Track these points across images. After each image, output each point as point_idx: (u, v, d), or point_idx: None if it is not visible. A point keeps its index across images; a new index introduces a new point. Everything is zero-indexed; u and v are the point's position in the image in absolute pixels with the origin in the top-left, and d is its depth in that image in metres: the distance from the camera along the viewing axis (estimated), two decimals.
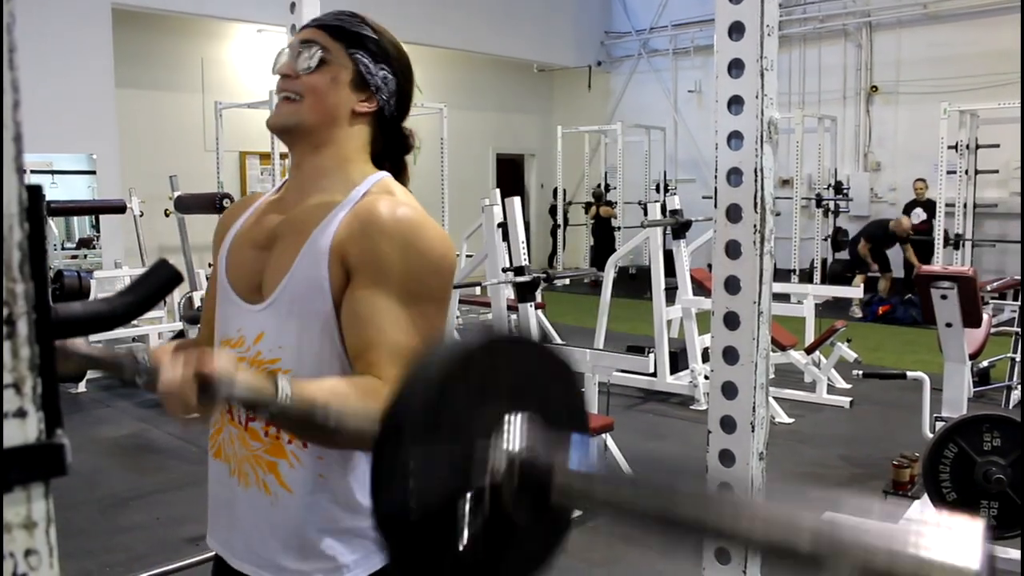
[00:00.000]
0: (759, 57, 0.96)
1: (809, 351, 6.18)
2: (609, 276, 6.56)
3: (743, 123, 0.98)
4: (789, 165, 11.06)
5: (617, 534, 3.86)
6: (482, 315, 8.89)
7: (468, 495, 0.72)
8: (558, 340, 7.40)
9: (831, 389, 6.20)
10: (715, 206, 1.01)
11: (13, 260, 0.44)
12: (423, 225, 1.28)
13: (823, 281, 10.40)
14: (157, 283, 0.55)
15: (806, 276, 10.74)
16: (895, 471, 3.94)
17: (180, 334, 6.25)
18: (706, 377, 5.74)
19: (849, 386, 6.31)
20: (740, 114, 0.99)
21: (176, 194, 6.38)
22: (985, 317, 4.90)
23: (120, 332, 7.19)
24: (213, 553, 1.44)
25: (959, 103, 9.24)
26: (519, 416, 0.76)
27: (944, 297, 3.84)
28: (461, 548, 0.72)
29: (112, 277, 7.74)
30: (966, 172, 9.58)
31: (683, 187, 12.95)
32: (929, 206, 10.35)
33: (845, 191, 11.37)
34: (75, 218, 9.12)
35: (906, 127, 11.86)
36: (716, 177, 1.01)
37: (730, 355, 1.02)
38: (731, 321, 1.02)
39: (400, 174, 1.48)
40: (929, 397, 4.09)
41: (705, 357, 5.90)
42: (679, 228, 6.44)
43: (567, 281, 11.42)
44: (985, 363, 6.34)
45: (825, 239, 11.17)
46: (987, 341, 5.32)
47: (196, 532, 1.32)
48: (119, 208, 6.76)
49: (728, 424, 1.03)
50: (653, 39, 14.54)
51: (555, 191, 13.77)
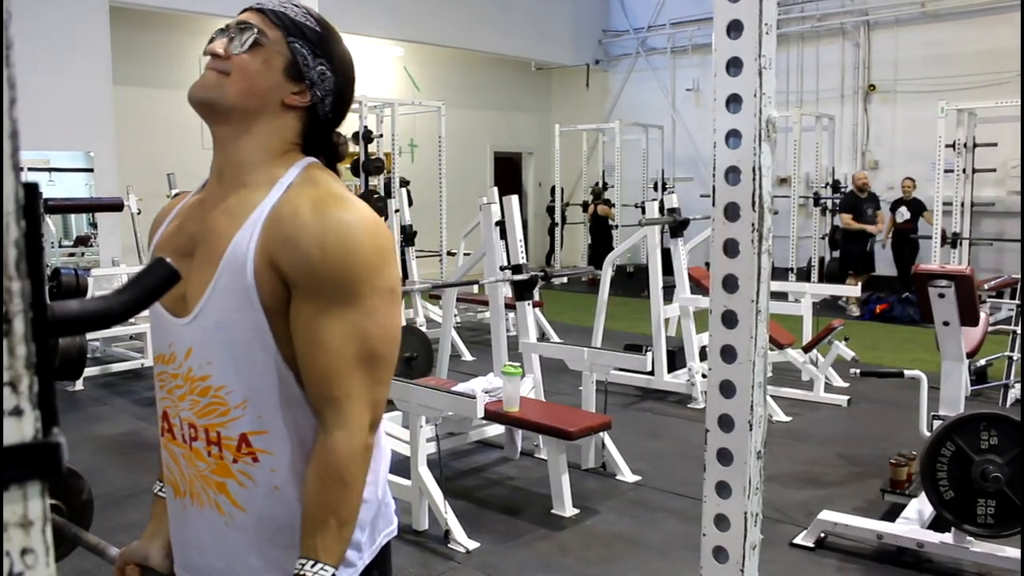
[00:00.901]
0: (757, 56, 0.96)
1: (807, 349, 6.19)
2: (607, 274, 6.56)
3: (741, 122, 0.98)
4: (787, 164, 11.07)
5: (615, 532, 3.87)
6: (480, 313, 8.90)
7: None
8: (555, 338, 7.40)
9: (829, 388, 6.21)
10: (713, 204, 1.01)
11: (9, 258, 0.43)
12: (351, 220, 1.19)
13: (820, 280, 10.41)
14: (154, 281, 0.55)
15: (804, 274, 10.76)
16: (893, 469, 3.94)
17: None
18: (704, 375, 5.74)
19: (847, 385, 6.32)
20: (738, 113, 0.99)
21: (174, 192, 6.37)
22: (982, 316, 4.90)
23: (117, 330, 7.19)
24: None
25: (956, 102, 9.25)
26: None
27: (942, 296, 3.85)
28: None
29: (110, 275, 7.73)
30: (963, 171, 9.59)
31: (681, 185, 12.97)
32: (914, 204, 10.40)
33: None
34: (73, 216, 9.12)
35: (904, 126, 11.87)
36: (714, 176, 1.01)
37: (728, 354, 1.02)
38: (729, 320, 1.02)
39: (332, 161, 1.37)
40: (927, 395, 4.09)
41: (703, 355, 5.90)
42: (677, 226, 6.44)
43: (565, 279, 11.46)
44: (982, 362, 6.35)
45: (823, 237, 11.18)
46: (984, 340, 5.33)
47: None
48: (117, 206, 6.76)
49: (726, 423, 1.03)
50: (651, 38, 14.54)
51: (552, 189, 13.77)
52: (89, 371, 6.73)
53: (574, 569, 3.54)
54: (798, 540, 3.70)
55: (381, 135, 9.30)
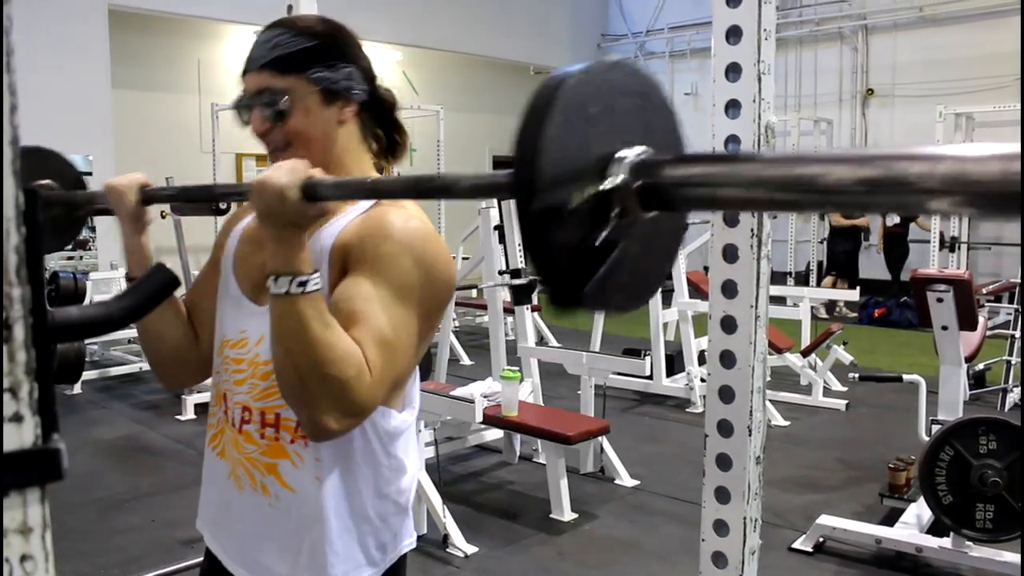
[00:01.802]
0: (756, 61, 0.96)
1: (805, 354, 6.19)
2: None
3: (740, 127, 0.99)
4: None
5: (614, 536, 3.86)
6: (478, 318, 8.89)
7: (594, 189, 0.73)
8: (554, 343, 7.40)
9: (827, 392, 6.21)
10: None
11: (10, 264, 0.43)
12: (431, 239, 1.25)
13: (819, 284, 10.43)
14: (154, 287, 0.55)
15: (802, 279, 10.77)
16: (891, 474, 3.94)
17: None
18: (702, 380, 5.74)
19: (845, 389, 6.32)
20: (737, 118, 0.99)
21: None
22: (981, 320, 4.91)
23: (116, 334, 7.18)
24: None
25: (955, 106, 9.27)
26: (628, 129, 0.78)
27: (940, 300, 3.85)
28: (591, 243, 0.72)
29: (108, 279, 7.73)
30: None
31: None
32: None
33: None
34: None
35: (902, 130, 11.88)
36: None
37: (727, 359, 1.02)
38: (728, 325, 1.02)
39: (395, 147, 1.41)
40: (925, 400, 4.09)
41: (701, 360, 5.90)
42: None
43: None
44: (981, 366, 6.35)
45: (821, 242, 11.20)
46: (983, 344, 5.33)
47: (192, 534, 1.33)
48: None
49: (725, 428, 1.03)
50: (649, 42, 14.56)
51: None
52: (87, 375, 6.73)
53: (572, 573, 3.53)
54: (796, 545, 3.69)
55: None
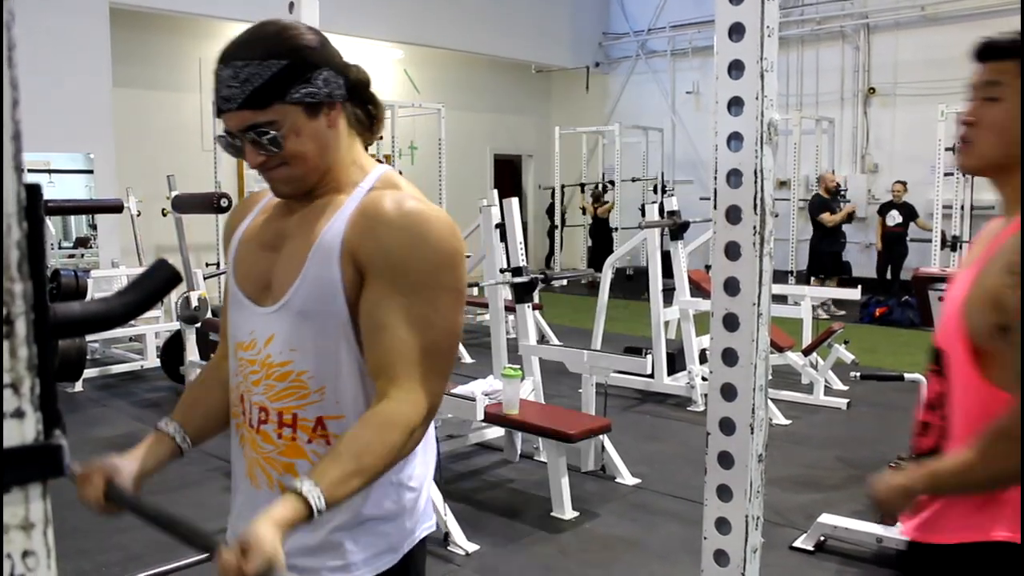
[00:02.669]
0: (759, 58, 0.96)
1: (807, 352, 6.18)
2: (607, 277, 6.56)
3: (743, 124, 0.98)
4: (787, 167, 11.07)
5: (615, 535, 3.86)
6: (479, 316, 8.89)
7: None
8: (555, 341, 7.40)
9: (828, 391, 6.21)
10: (714, 207, 1.01)
11: (11, 259, 0.43)
12: (430, 217, 1.26)
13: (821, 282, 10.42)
14: (156, 283, 0.55)
15: (803, 278, 10.77)
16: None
17: (177, 334, 6.24)
18: (704, 378, 5.74)
19: (846, 388, 6.31)
20: (740, 115, 0.98)
21: (173, 193, 6.37)
22: None
23: (118, 332, 7.18)
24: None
25: (956, 105, 9.22)
26: None
27: (942, 299, 3.84)
28: None
29: (109, 276, 7.73)
30: (963, 174, 9.60)
31: (680, 188, 12.96)
32: (906, 209, 10.45)
33: (843, 193, 11.38)
34: (72, 217, 9.12)
35: (903, 129, 11.87)
36: (716, 178, 1.01)
37: (729, 357, 1.02)
38: (730, 323, 1.02)
39: (373, 122, 1.42)
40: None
41: (702, 358, 5.90)
42: (677, 229, 6.44)
43: (564, 282, 11.44)
44: None
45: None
46: None
47: None
48: (116, 207, 6.75)
49: (727, 426, 1.03)
50: (651, 40, 14.55)
51: (552, 191, 13.78)
52: (88, 372, 6.73)
53: (574, 572, 3.53)
54: (798, 543, 3.69)
55: (381, 137, 9.28)
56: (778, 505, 4.10)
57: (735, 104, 0.98)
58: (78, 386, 6.45)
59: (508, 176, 15.01)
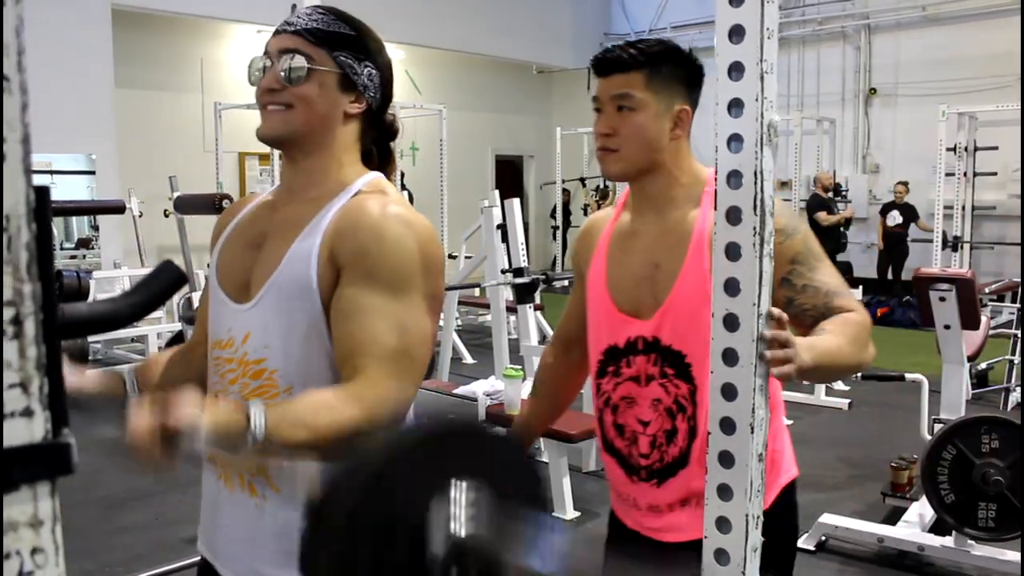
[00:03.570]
0: (759, 60, 0.97)
1: None
2: None
3: (743, 126, 0.99)
4: (788, 167, 11.06)
5: None
6: (480, 316, 8.90)
7: None
8: None
9: (829, 391, 6.21)
10: (715, 208, 1.02)
11: (21, 260, 0.44)
12: (411, 222, 1.27)
13: None
14: (162, 284, 0.56)
15: None
16: (893, 473, 3.94)
17: (179, 335, 6.24)
18: None
19: (847, 388, 6.31)
20: (740, 117, 0.99)
21: (175, 194, 6.37)
22: (983, 319, 4.91)
23: (120, 332, 7.19)
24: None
25: (957, 105, 9.25)
26: (467, 501, 0.71)
27: (943, 299, 3.85)
28: None
29: (111, 277, 7.74)
30: (964, 174, 9.60)
31: None
32: (907, 209, 10.45)
33: (844, 193, 11.39)
34: (74, 218, 9.12)
35: (905, 129, 11.87)
36: (716, 180, 1.02)
37: (730, 357, 1.03)
38: (731, 323, 1.02)
39: (386, 162, 1.46)
40: (927, 399, 4.09)
41: None
42: None
43: (566, 282, 11.44)
44: (983, 365, 6.35)
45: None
46: (985, 343, 5.33)
47: (195, 532, 1.33)
48: (118, 208, 6.73)
49: (728, 425, 1.04)
50: None
51: (555, 192, 13.78)
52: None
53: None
54: (799, 543, 3.69)
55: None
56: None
57: (735, 105, 0.99)
58: None
59: (509, 177, 15.01)
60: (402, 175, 9.55)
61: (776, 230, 1.38)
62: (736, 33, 0.98)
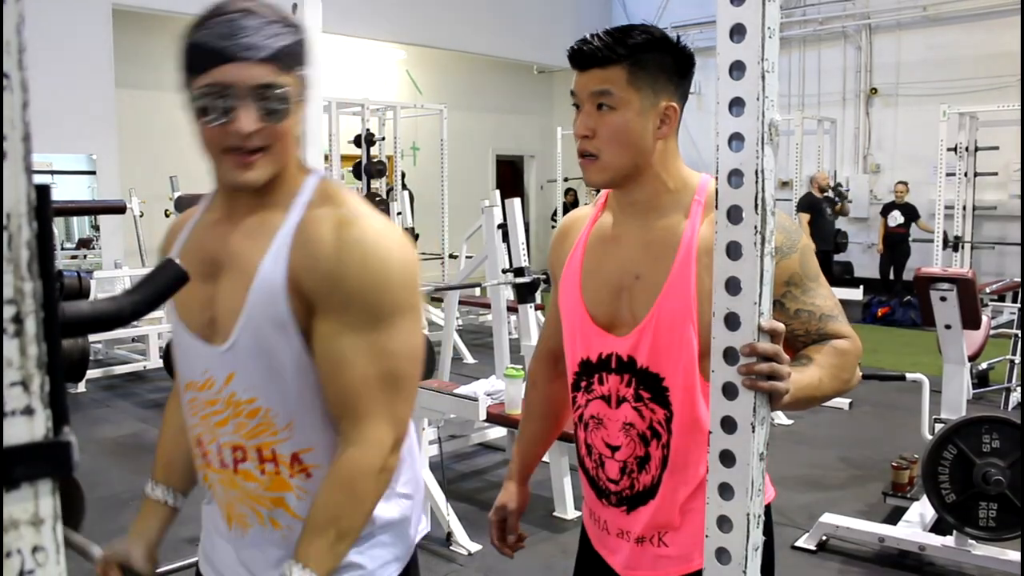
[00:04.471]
0: (760, 59, 0.97)
1: None
2: None
3: (744, 125, 0.99)
4: (789, 167, 11.07)
5: None
6: (481, 316, 8.90)
7: None
8: None
9: None
10: (716, 207, 1.02)
11: (22, 259, 0.44)
12: (373, 238, 1.18)
13: None
14: (164, 282, 0.56)
15: None
16: (894, 473, 3.94)
17: None
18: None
19: None
20: (741, 116, 0.99)
21: (176, 194, 6.38)
22: (984, 319, 4.90)
23: (120, 332, 7.20)
24: None
25: (958, 105, 9.25)
26: None
27: (943, 299, 3.85)
28: None
29: (112, 277, 7.75)
30: (965, 174, 9.60)
31: None
32: (907, 209, 10.44)
33: (844, 193, 11.39)
34: (75, 218, 9.13)
35: (905, 129, 11.87)
36: (717, 179, 1.02)
37: (731, 356, 1.03)
38: (732, 322, 1.02)
39: None
40: (928, 399, 4.09)
41: None
42: None
43: None
44: (984, 365, 6.34)
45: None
46: (986, 343, 5.33)
47: (196, 532, 1.33)
48: (119, 208, 6.73)
49: (729, 424, 1.04)
50: None
51: (555, 191, 13.78)
52: (91, 373, 6.74)
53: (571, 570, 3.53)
54: (800, 543, 3.69)
55: (383, 138, 9.31)
56: (780, 505, 4.10)
57: (736, 104, 0.99)
58: (81, 387, 6.46)
59: (510, 176, 15.01)
60: (403, 175, 9.55)
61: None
62: (737, 32, 0.98)
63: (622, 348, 1.43)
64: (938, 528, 3.56)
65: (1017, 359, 6.01)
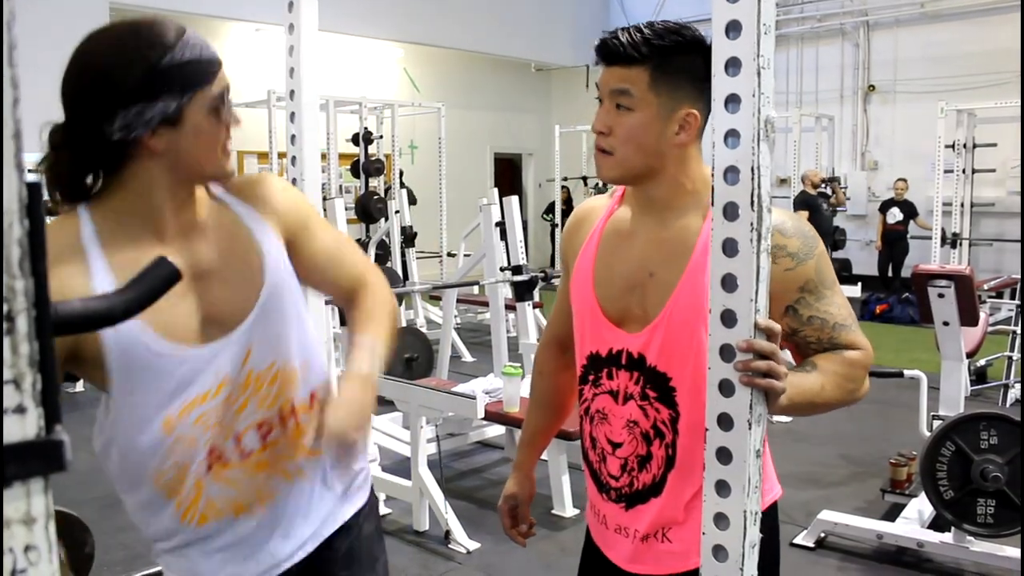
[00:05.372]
0: (756, 56, 0.97)
1: None
2: None
3: (740, 121, 0.99)
4: (786, 164, 11.07)
5: None
6: (479, 314, 8.90)
7: None
8: None
9: None
10: (712, 204, 1.02)
11: (13, 256, 0.44)
12: (268, 175, 1.46)
13: None
14: (156, 280, 0.56)
15: None
16: (892, 469, 3.94)
17: None
18: None
19: None
20: (737, 112, 0.99)
21: None
22: (982, 316, 4.91)
23: None
24: None
25: (956, 102, 9.25)
26: None
27: (941, 296, 3.85)
28: None
29: None
30: (963, 171, 9.60)
31: None
32: (906, 206, 10.45)
33: (837, 179, 11.39)
34: None
35: (903, 126, 11.87)
36: (713, 175, 1.02)
37: (727, 352, 1.03)
38: (728, 318, 1.02)
39: None
40: (926, 396, 4.09)
41: None
42: None
43: None
44: (982, 362, 6.35)
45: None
46: (984, 340, 5.33)
47: None
48: None
49: (725, 421, 1.04)
50: None
51: (553, 189, 13.78)
52: None
53: (575, 570, 3.53)
54: (798, 540, 3.70)
55: (381, 136, 9.31)
56: (779, 502, 4.10)
57: (732, 101, 0.99)
58: (79, 386, 6.46)
59: (508, 174, 15.01)
60: (401, 173, 9.54)
61: (788, 254, 1.34)
62: (733, 29, 0.98)
63: (633, 345, 1.42)
64: (936, 525, 3.56)
65: (1015, 355, 6.02)
